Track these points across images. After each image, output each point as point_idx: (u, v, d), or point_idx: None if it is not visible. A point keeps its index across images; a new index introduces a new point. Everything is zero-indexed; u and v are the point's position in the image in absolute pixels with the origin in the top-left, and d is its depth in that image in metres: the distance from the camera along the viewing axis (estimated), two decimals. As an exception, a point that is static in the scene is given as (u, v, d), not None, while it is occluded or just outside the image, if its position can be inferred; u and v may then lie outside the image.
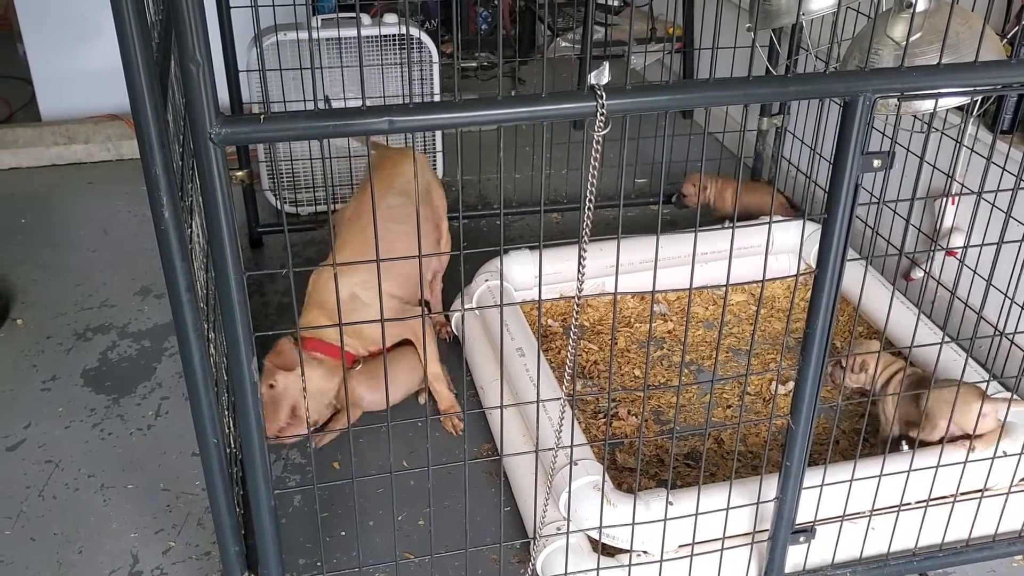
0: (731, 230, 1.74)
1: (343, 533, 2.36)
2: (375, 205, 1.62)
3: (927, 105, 2.03)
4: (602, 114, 1.44)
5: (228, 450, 1.85)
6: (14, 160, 4.26)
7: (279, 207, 3.75)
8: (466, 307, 2.91)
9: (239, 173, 3.42)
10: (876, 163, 1.65)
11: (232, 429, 2.12)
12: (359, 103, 1.55)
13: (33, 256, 3.58)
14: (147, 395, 2.85)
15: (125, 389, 2.87)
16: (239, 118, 1.38)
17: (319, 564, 2.26)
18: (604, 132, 1.46)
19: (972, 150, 2.77)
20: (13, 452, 2.62)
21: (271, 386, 2.47)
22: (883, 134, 2.98)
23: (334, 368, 2.56)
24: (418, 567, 2.26)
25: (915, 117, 2.70)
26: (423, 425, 2.61)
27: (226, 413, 2.09)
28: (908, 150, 2.80)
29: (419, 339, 2.70)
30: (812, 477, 2.01)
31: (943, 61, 1.61)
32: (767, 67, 3.32)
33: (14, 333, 3.15)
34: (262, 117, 1.36)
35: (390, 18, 3.57)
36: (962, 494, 2.22)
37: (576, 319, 1.69)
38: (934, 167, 2.83)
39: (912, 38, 1.93)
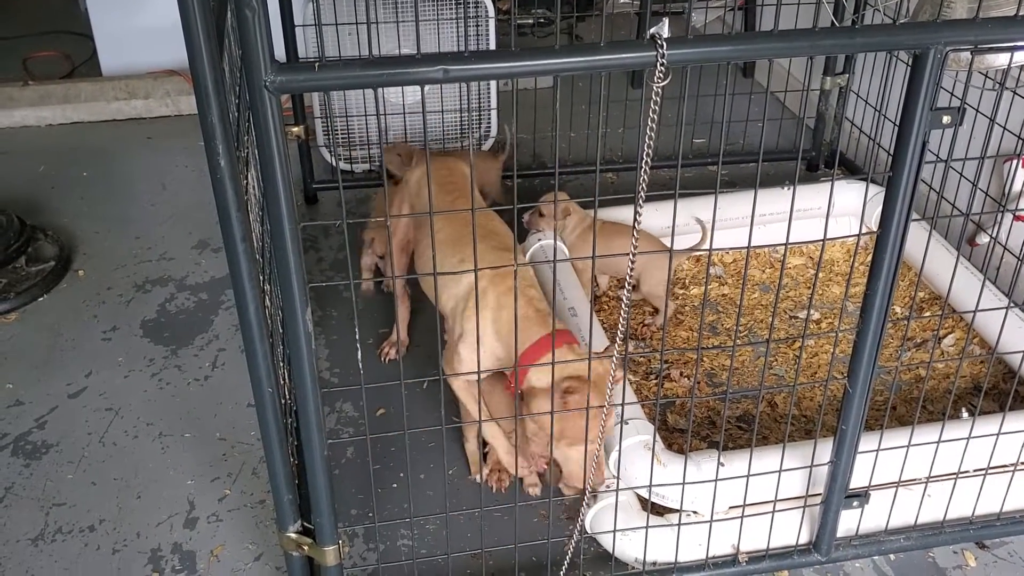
0: (792, 190, 1.70)
1: (394, 485, 2.39)
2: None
3: (1001, 59, 1.95)
4: (662, 64, 1.40)
5: (283, 401, 1.87)
6: (76, 115, 4.33)
7: (334, 163, 3.77)
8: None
9: (294, 129, 3.43)
10: (945, 119, 1.60)
11: (287, 380, 2.14)
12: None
13: (94, 209, 3.65)
14: (204, 346, 2.90)
15: (183, 340, 2.93)
16: (294, 66, 1.38)
17: (370, 515, 2.29)
18: (664, 83, 1.42)
19: (1046, 110, 2.67)
20: (75, 399, 2.69)
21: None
22: (951, 94, 2.87)
23: None
24: (468, 520, 2.27)
25: (986, 75, 2.61)
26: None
27: (281, 364, 2.11)
28: (977, 111, 2.70)
29: None
30: (868, 442, 1.98)
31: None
32: (832, 23, 3.23)
33: (76, 284, 3.22)
34: (316, 65, 1.36)
35: (446, -27, 3.54)
36: (1023, 462, 2.17)
37: (630, 279, 1.67)
38: (1004, 128, 2.73)
39: (988, -10, 1.85)
